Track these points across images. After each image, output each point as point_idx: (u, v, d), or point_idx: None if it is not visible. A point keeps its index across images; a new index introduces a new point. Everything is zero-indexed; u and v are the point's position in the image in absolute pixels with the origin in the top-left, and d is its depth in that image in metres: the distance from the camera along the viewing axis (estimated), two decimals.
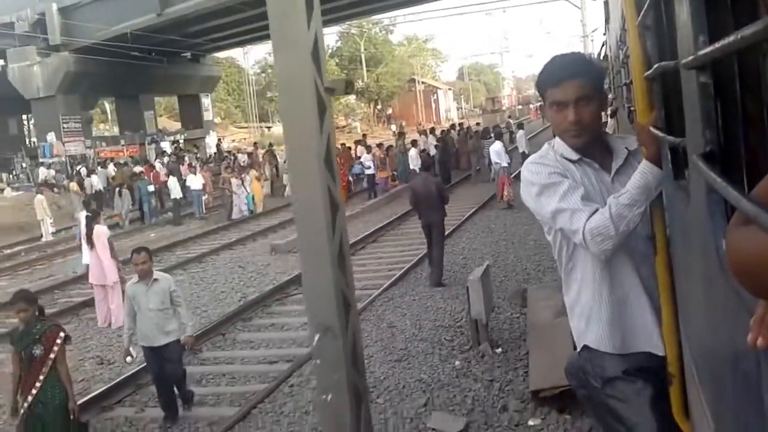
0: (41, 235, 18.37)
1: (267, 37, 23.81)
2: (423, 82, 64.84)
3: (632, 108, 4.23)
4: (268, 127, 52.45)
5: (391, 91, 60.83)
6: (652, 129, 1.90)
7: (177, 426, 5.87)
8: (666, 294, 1.98)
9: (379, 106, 62.98)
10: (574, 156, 2.25)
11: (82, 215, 11.04)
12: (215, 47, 36.23)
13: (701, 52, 1.00)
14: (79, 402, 5.42)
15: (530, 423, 4.97)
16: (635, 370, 2.17)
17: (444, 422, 5.11)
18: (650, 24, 1.81)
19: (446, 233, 10.53)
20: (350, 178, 20.93)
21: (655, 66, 1.67)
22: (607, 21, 14.06)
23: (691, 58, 1.08)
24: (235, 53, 51.71)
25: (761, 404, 0.83)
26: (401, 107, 61.78)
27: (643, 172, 1.99)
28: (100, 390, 6.62)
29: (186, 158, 27.50)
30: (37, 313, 4.96)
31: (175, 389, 6.11)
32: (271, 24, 3.62)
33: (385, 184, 20.81)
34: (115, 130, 42.34)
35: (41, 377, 4.71)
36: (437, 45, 71.99)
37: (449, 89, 75.29)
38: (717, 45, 0.87)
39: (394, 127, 44.48)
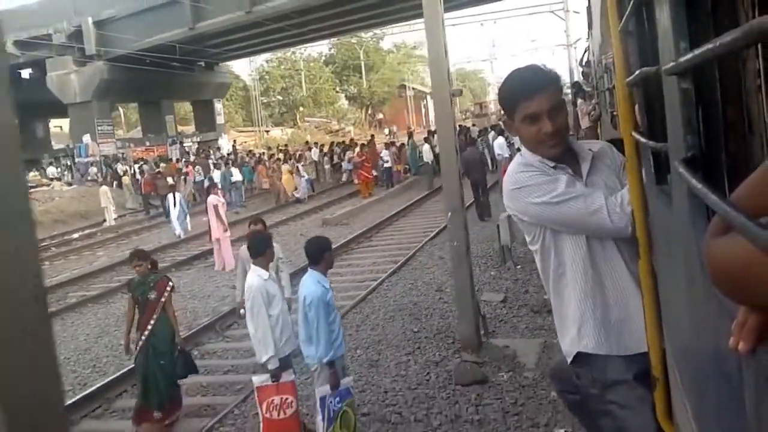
0: (104, 221, 21.43)
1: (275, 47, 28.76)
2: (413, 88, 65.58)
3: (615, 113, 4.26)
4: (267, 131, 53.40)
5: (382, 97, 61.93)
6: (634, 134, 1.92)
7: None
8: (649, 297, 1.99)
9: (369, 111, 63.75)
10: (550, 163, 2.24)
11: (170, 197, 16.71)
12: (228, 56, 39.52)
13: (682, 59, 1.00)
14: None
15: (544, 297, 6.55)
16: (637, 374, 2.11)
17: (491, 296, 8.61)
18: (632, 30, 1.82)
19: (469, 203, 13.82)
20: (374, 173, 23.84)
21: (637, 71, 1.68)
22: (590, 27, 14.17)
23: (672, 64, 1.09)
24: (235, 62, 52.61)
25: (743, 407, 0.84)
26: (392, 112, 62.56)
27: None
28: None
29: (211, 157, 31.80)
30: (150, 267, 6.11)
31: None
32: (430, 55, 7.00)
33: (399, 176, 24.41)
34: (131, 134, 46.19)
35: (154, 316, 5.88)
36: (425, 52, 72.09)
37: None
38: (698, 51, 0.87)
39: (387, 131, 45.17)
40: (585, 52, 17.45)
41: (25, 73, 38.88)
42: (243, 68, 56.85)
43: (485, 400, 5.55)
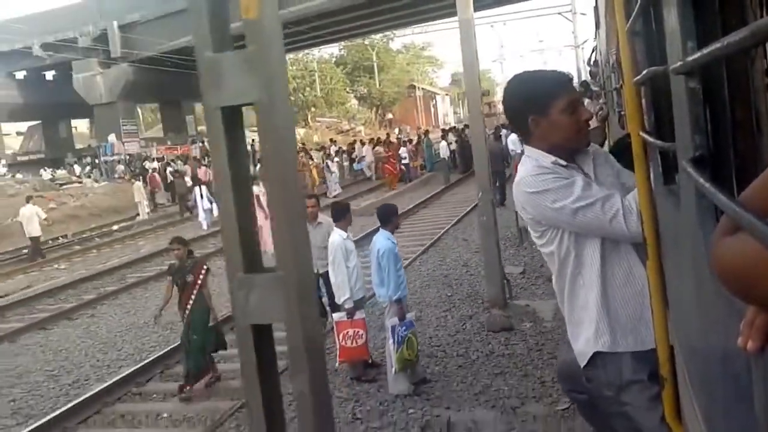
0: (137, 215, 22.60)
1: (293, 49, 30.12)
2: (423, 89, 66.26)
3: (622, 112, 4.25)
4: None
5: (392, 97, 62.72)
6: (642, 133, 1.91)
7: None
8: (657, 297, 1.98)
9: (379, 111, 64.36)
10: (563, 162, 2.25)
11: (197, 190, 18.05)
12: None
13: (690, 58, 1.00)
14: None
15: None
16: (651, 373, 2.09)
17: (511, 269, 9.54)
18: (640, 29, 1.82)
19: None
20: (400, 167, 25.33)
21: (645, 71, 1.68)
22: (597, 27, 14.12)
23: (680, 63, 1.08)
24: None
25: (751, 406, 0.84)
26: (402, 112, 63.22)
27: None
28: None
29: None
30: (187, 252, 6.99)
31: (326, 300, 7.66)
32: (464, 61, 8.02)
33: (416, 172, 25.96)
34: (149, 133, 47.76)
35: (192, 296, 6.75)
36: (433, 52, 73.10)
37: (446, 95, 76.41)
38: (706, 50, 0.87)
39: (398, 131, 46.45)
40: (593, 51, 17.41)
41: (49, 75, 40.45)
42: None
43: (512, 341, 7.02)
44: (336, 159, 26.77)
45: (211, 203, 17.36)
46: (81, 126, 51.39)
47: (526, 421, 5.20)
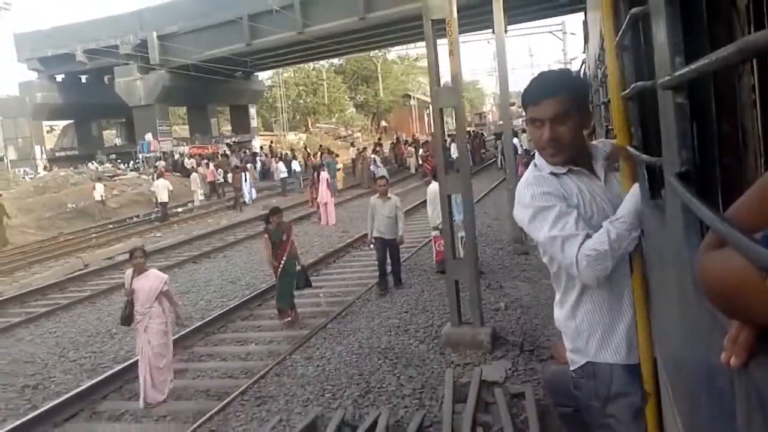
0: (192, 201, 26.33)
1: (309, 60, 35.50)
2: (417, 98, 67.95)
3: (610, 127, 4.27)
4: (284, 135, 55.77)
5: (388, 106, 64.87)
6: (629, 148, 1.91)
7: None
8: (641, 312, 1.99)
9: (375, 119, 66.25)
10: (563, 169, 2.22)
11: (243, 175, 25.05)
12: (266, 66, 45.12)
13: (678, 73, 1.01)
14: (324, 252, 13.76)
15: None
16: (638, 388, 2.07)
17: (521, 247, 12.23)
18: (628, 44, 1.83)
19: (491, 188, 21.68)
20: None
21: (633, 86, 1.69)
22: (586, 41, 14.23)
23: (667, 78, 1.09)
24: None
25: (734, 422, 0.83)
26: (396, 120, 64.99)
27: (634, 195, 1.96)
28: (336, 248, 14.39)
29: (258, 155, 39.11)
30: (281, 217, 9.33)
31: (390, 268, 10.36)
32: (500, 74, 12.59)
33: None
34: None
35: (285, 251, 9.08)
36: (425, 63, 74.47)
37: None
38: (693, 66, 0.88)
39: (395, 137, 47.75)
40: (581, 65, 17.57)
41: (84, 79, 44.53)
42: (262, 76, 58.29)
43: (528, 260, 11.18)
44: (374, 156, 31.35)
45: (251, 186, 25.52)
46: (110, 127, 55.45)
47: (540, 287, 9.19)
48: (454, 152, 26.94)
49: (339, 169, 27.42)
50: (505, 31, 13.22)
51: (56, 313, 11.09)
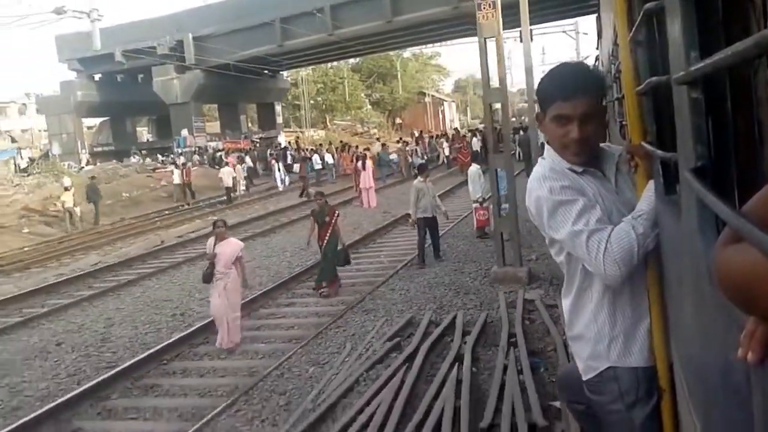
0: (236, 190, 27.82)
1: (334, 59, 38.50)
2: (431, 95, 68.94)
3: (623, 122, 4.25)
4: (305, 131, 56.83)
5: (403, 103, 65.90)
6: (644, 144, 1.90)
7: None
8: (656, 308, 1.97)
9: (390, 115, 67.11)
10: (579, 168, 2.14)
11: (275, 164, 30.53)
12: (293, 65, 47.15)
13: (693, 68, 1.00)
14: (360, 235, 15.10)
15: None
16: (654, 387, 2.03)
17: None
18: (642, 39, 1.81)
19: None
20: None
21: (647, 81, 1.67)
22: (599, 36, 14.15)
23: (682, 73, 1.08)
24: None
25: (751, 418, 0.83)
26: (411, 116, 65.79)
27: (652, 191, 1.90)
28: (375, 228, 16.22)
29: (288, 149, 40.67)
30: (325, 201, 10.63)
31: (431, 241, 11.96)
32: (526, 70, 12.27)
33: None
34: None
35: (328, 232, 10.26)
36: (440, 62, 75.98)
37: (453, 101, 79.29)
38: (708, 60, 0.87)
39: (417, 132, 48.69)
40: (595, 62, 17.47)
41: (119, 78, 46.20)
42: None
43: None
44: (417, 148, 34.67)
45: (283, 174, 29.56)
46: (139, 124, 57.96)
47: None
48: (474, 145, 30.16)
49: (391, 159, 31.43)
50: (531, 36, 14.17)
51: (157, 275, 13.64)
